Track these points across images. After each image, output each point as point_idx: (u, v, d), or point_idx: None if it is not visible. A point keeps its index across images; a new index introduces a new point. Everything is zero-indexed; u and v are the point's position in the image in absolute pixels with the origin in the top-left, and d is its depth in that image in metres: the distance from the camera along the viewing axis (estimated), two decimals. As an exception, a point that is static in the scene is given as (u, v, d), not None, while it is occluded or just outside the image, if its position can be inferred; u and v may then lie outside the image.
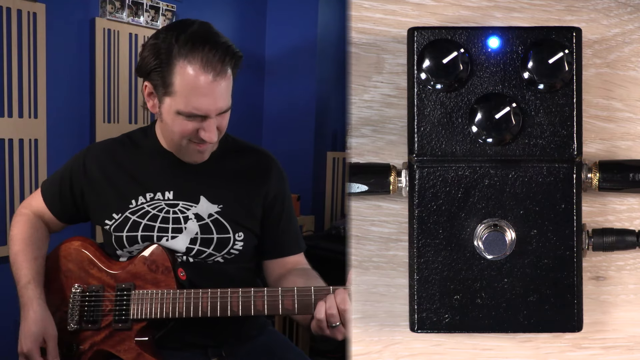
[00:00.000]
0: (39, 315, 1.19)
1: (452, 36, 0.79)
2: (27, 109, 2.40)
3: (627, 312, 0.85)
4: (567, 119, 0.79)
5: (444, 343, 0.85)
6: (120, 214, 1.27)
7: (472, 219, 0.80)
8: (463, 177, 0.80)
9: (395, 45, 0.84)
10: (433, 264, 0.80)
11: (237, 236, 1.26)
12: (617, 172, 0.81)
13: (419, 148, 0.79)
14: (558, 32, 0.78)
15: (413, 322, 0.81)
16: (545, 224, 0.80)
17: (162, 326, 1.21)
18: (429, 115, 0.79)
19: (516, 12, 0.83)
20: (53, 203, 1.36)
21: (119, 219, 1.27)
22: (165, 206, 1.27)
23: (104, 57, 2.66)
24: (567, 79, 0.78)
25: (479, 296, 0.80)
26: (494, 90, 0.79)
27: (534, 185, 0.80)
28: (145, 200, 1.27)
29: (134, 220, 1.26)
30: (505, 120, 0.78)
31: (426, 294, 0.80)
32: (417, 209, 0.80)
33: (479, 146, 0.79)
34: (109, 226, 1.27)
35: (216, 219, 1.26)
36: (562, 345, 0.84)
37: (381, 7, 0.84)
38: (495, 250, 0.79)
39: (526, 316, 0.80)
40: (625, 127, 0.84)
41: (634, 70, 0.84)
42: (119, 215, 1.27)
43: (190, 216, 1.26)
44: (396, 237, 0.84)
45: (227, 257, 1.26)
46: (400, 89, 0.84)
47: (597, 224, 0.84)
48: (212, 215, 1.26)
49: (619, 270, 0.85)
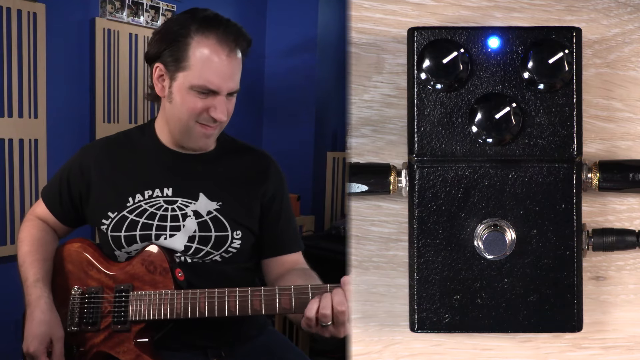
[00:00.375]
0: (46, 315, 1.19)
1: (452, 36, 0.79)
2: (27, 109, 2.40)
3: (627, 312, 0.85)
4: (567, 119, 0.79)
5: (444, 343, 0.85)
6: (117, 213, 1.27)
7: (472, 219, 0.80)
8: (463, 177, 0.80)
9: (395, 45, 0.84)
10: (433, 264, 0.80)
11: (235, 234, 1.26)
12: (617, 172, 0.81)
13: (419, 148, 0.79)
14: (558, 32, 0.78)
15: (413, 322, 0.81)
16: (545, 224, 0.80)
17: (161, 327, 1.21)
18: (429, 115, 0.79)
19: (516, 12, 0.83)
20: (54, 207, 1.37)
21: (115, 217, 1.26)
22: (164, 203, 1.27)
23: (104, 57, 2.66)
24: (567, 79, 0.78)
25: (479, 296, 0.80)
26: (494, 90, 0.79)
27: (534, 185, 0.80)
28: (143, 198, 1.27)
29: (131, 220, 1.26)
30: (505, 120, 0.78)
31: (426, 294, 0.80)
32: (417, 209, 0.80)
33: (479, 146, 0.79)
34: (105, 226, 1.27)
35: (215, 217, 1.26)
36: (562, 345, 0.84)
37: (381, 7, 0.84)
38: (495, 250, 0.79)
39: (526, 316, 0.80)
40: (625, 127, 0.84)
41: (634, 70, 0.84)
42: (115, 214, 1.27)
43: (189, 213, 1.26)
44: (396, 237, 0.84)
45: (225, 255, 1.26)
46: (400, 89, 0.84)
47: (597, 224, 0.84)
48: (210, 212, 1.26)
49: (619, 270, 0.85)
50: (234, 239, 1.26)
